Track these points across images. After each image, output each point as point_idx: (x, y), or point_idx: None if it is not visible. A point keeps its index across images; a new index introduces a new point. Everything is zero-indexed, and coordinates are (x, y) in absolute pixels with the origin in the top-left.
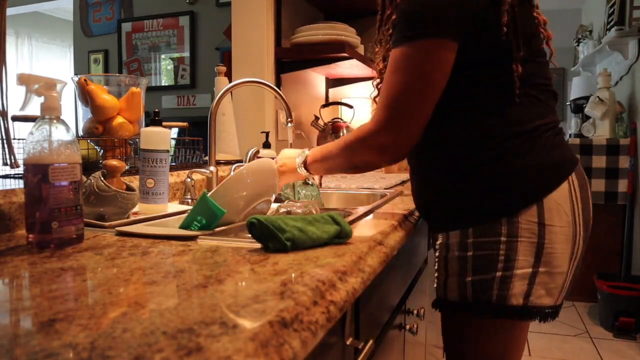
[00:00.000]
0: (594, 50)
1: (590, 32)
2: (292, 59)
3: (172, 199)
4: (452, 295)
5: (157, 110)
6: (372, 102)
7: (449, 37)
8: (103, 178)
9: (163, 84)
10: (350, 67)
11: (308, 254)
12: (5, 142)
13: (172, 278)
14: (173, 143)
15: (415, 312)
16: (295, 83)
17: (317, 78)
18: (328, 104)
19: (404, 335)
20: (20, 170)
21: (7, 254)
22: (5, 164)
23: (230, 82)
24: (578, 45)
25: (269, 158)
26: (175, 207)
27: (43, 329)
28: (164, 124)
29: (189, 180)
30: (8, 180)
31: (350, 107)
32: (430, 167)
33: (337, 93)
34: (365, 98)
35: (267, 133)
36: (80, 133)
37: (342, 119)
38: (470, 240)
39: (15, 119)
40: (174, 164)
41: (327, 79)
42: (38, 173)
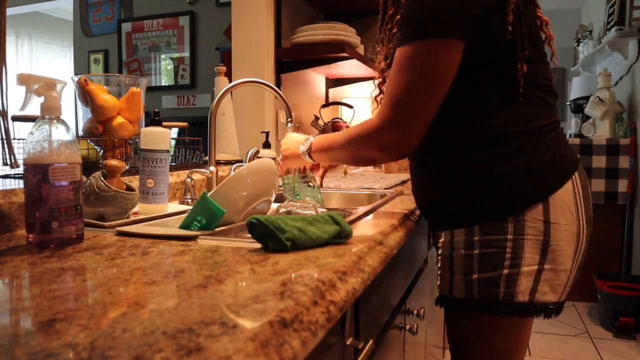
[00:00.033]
0: (594, 50)
1: (590, 32)
2: (292, 59)
3: (172, 199)
4: (457, 293)
5: (157, 110)
6: (373, 100)
7: (455, 36)
8: (103, 178)
9: (163, 84)
10: (350, 67)
11: (308, 254)
12: (5, 142)
13: (172, 278)
14: (173, 143)
15: (415, 312)
16: (295, 83)
17: (317, 78)
18: (328, 104)
19: (404, 335)
20: (20, 170)
21: (7, 254)
22: (5, 164)
23: (230, 82)
24: (578, 45)
25: (269, 158)
26: (175, 207)
27: (43, 329)
28: (164, 124)
29: (189, 180)
30: (8, 180)
31: (350, 107)
32: (435, 165)
33: (337, 93)
34: (365, 98)
35: (267, 133)
36: (80, 133)
37: (342, 119)
38: (477, 238)
39: (15, 119)
40: (174, 164)
41: (327, 79)
42: (38, 173)
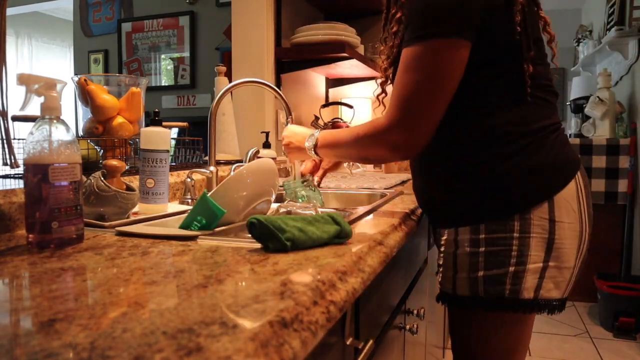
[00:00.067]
0: (594, 50)
1: (590, 32)
2: (292, 59)
3: (172, 199)
4: (462, 291)
5: (157, 110)
6: (375, 99)
7: (461, 36)
8: (103, 178)
9: (163, 84)
10: (350, 67)
11: (308, 254)
12: (5, 142)
13: (172, 278)
14: (173, 143)
15: (415, 312)
16: (295, 83)
17: (317, 78)
18: (328, 104)
19: (404, 335)
20: (20, 170)
21: (7, 254)
22: (5, 164)
23: (230, 82)
24: (578, 45)
25: (269, 158)
26: (175, 207)
27: (43, 329)
28: (164, 124)
29: (189, 180)
30: (8, 180)
31: (350, 107)
32: (440, 166)
33: (337, 93)
34: (365, 98)
35: (267, 133)
36: (80, 133)
37: (342, 119)
38: (482, 237)
39: (15, 119)
40: (174, 164)
41: (327, 79)
42: (38, 173)
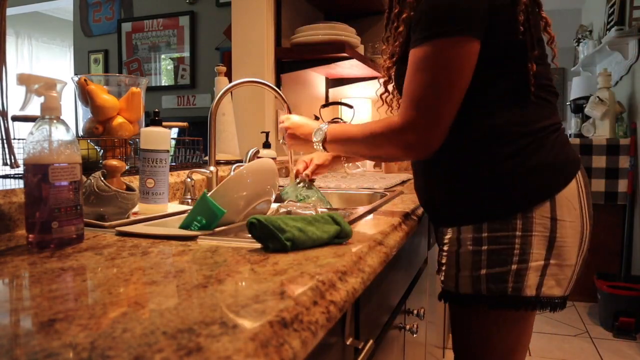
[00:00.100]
0: (594, 50)
1: (590, 32)
2: (292, 59)
3: (172, 199)
4: (464, 289)
5: (157, 110)
6: (377, 99)
7: (471, 34)
8: (103, 178)
9: (163, 84)
10: (350, 67)
11: (308, 254)
12: (5, 142)
13: (172, 278)
14: (173, 143)
15: (415, 312)
16: (295, 83)
17: (317, 78)
18: (328, 104)
19: (404, 335)
20: (20, 170)
21: (7, 254)
22: (5, 164)
23: (230, 82)
24: (578, 45)
25: (269, 158)
26: (175, 207)
27: (43, 329)
28: (164, 124)
29: (189, 180)
30: (8, 180)
31: (350, 107)
32: (442, 164)
33: (337, 93)
34: (365, 98)
35: (267, 133)
36: (80, 133)
37: (342, 119)
38: (485, 235)
39: (15, 119)
40: (174, 164)
41: (327, 79)
42: (38, 173)
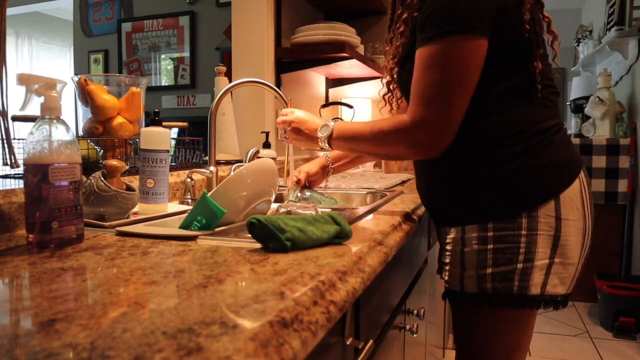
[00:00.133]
0: (594, 50)
1: (590, 32)
2: (292, 59)
3: (172, 199)
4: (469, 288)
5: (157, 110)
6: (381, 99)
7: (478, 31)
8: (103, 178)
9: (163, 84)
10: (350, 67)
11: (308, 254)
12: (5, 142)
13: (172, 278)
14: (173, 143)
15: (415, 312)
16: (295, 83)
17: (317, 78)
18: (328, 104)
19: (404, 335)
20: (20, 170)
21: (7, 254)
22: (5, 164)
23: (230, 82)
24: (578, 45)
25: (269, 158)
26: (175, 207)
27: (43, 329)
28: (164, 124)
29: (189, 180)
30: (8, 180)
31: (350, 107)
32: (449, 164)
33: (337, 93)
34: (365, 98)
35: (267, 133)
36: (80, 133)
37: (342, 119)
38: (490, 234)
39: (15, 119)
40: (174, 164)
41: (327, 79)
42: (38, 173)
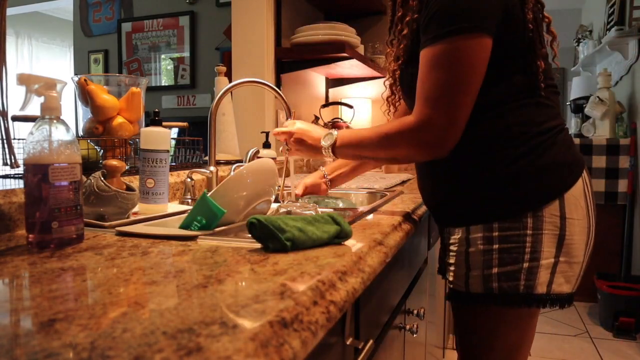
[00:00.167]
0: (594, 50)
1: (590, 32)
2: (292, 59)
3: (172, 199)
4: (475, 288)
5: (157, 110)
6: (379, 99)
7: (483, 30)
8: (103, 178)
9: (163, 84)
10: (350, 67)
11: (308, 254)
12: (5, 142)
13: (172, 278)
14: (173, 143)
15: (415, 312)
16: (295, 83)
17: (317, 78)
18: (328, 104)
19: (404, 335)
20: (20, 170)
21: (7, 254)
22: (5, 164)
23: (230, 82)
24: (578, 45)
25: (269, 158)
26: (175, 207)
27: (43, 329)
28: (164, 124)
29: (189, 180)
30: (8, 180)
31: (350, 107)
32: (454, 164)
33: (337, 93)
34: (365, 98)
35: (267, 133)
36: (80, 133)
37: (342, 119)
38: (496, 234)
39: (15, 119)
40: (174, 164)
41: (327, 79)
42: (38, 173)
